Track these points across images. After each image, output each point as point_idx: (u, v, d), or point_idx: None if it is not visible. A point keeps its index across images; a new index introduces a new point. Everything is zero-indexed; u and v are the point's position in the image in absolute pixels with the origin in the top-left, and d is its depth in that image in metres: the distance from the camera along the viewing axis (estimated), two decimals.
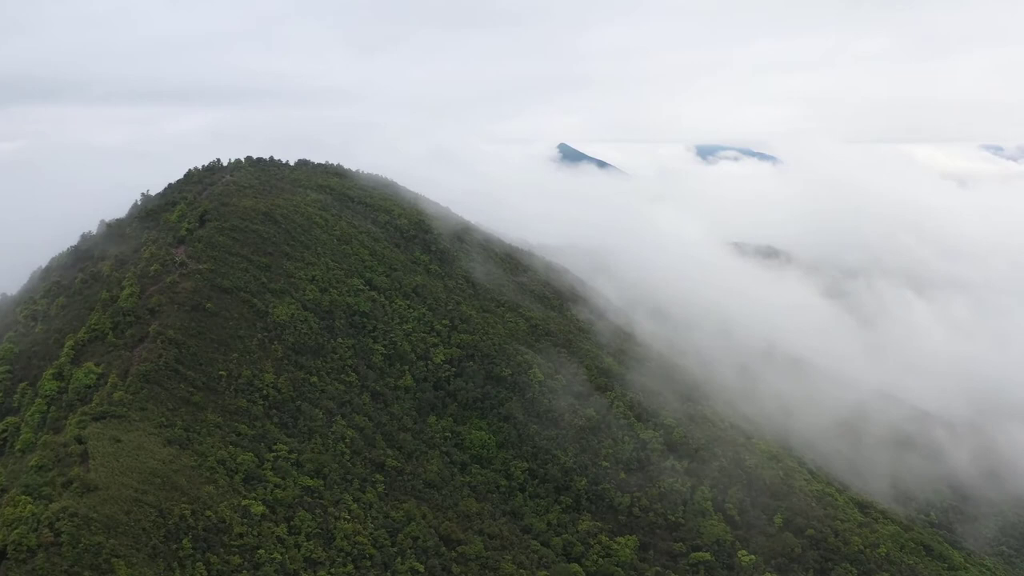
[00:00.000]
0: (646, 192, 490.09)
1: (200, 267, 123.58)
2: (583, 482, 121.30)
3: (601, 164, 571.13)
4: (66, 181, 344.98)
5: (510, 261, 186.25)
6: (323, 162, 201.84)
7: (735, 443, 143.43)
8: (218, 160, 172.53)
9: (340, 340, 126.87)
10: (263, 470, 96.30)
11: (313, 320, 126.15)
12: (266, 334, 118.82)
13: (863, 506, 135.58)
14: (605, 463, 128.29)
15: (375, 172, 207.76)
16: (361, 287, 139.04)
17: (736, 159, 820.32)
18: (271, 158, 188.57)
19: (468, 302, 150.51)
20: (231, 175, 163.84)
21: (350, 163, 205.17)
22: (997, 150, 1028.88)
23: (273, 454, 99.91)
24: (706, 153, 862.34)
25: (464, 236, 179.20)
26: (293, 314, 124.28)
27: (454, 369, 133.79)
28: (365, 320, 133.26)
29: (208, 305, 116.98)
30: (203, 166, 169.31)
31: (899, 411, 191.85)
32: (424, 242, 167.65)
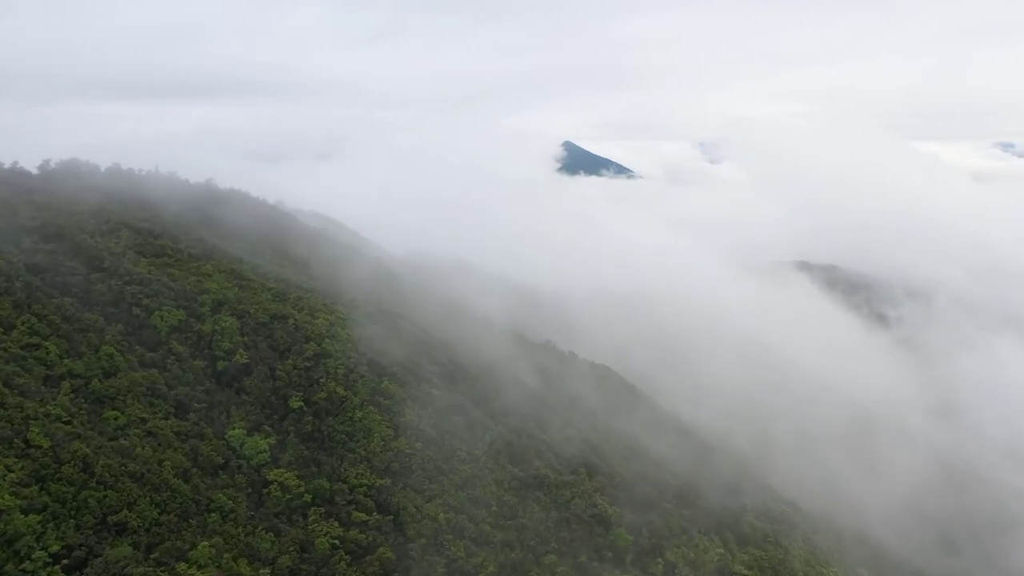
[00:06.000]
0: (648, 196, 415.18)
1: None
2: None
3: (607, 164, 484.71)
4: None
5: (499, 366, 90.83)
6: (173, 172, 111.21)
7: None
8: None
9: None
10: None
11: None
12: None
13: None
14: None
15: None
16: None
17: (742, 157, 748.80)
18: (16, 164, 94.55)
19: (393, 537, 55.44)
20: None
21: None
22: (1008, 147, 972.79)
23: None
24: (712, 150, 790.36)
25: (400, 322, 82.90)
26: None
27: None
28: None
29: None
30: None
31: None
32: (308, 376, 69.67)
